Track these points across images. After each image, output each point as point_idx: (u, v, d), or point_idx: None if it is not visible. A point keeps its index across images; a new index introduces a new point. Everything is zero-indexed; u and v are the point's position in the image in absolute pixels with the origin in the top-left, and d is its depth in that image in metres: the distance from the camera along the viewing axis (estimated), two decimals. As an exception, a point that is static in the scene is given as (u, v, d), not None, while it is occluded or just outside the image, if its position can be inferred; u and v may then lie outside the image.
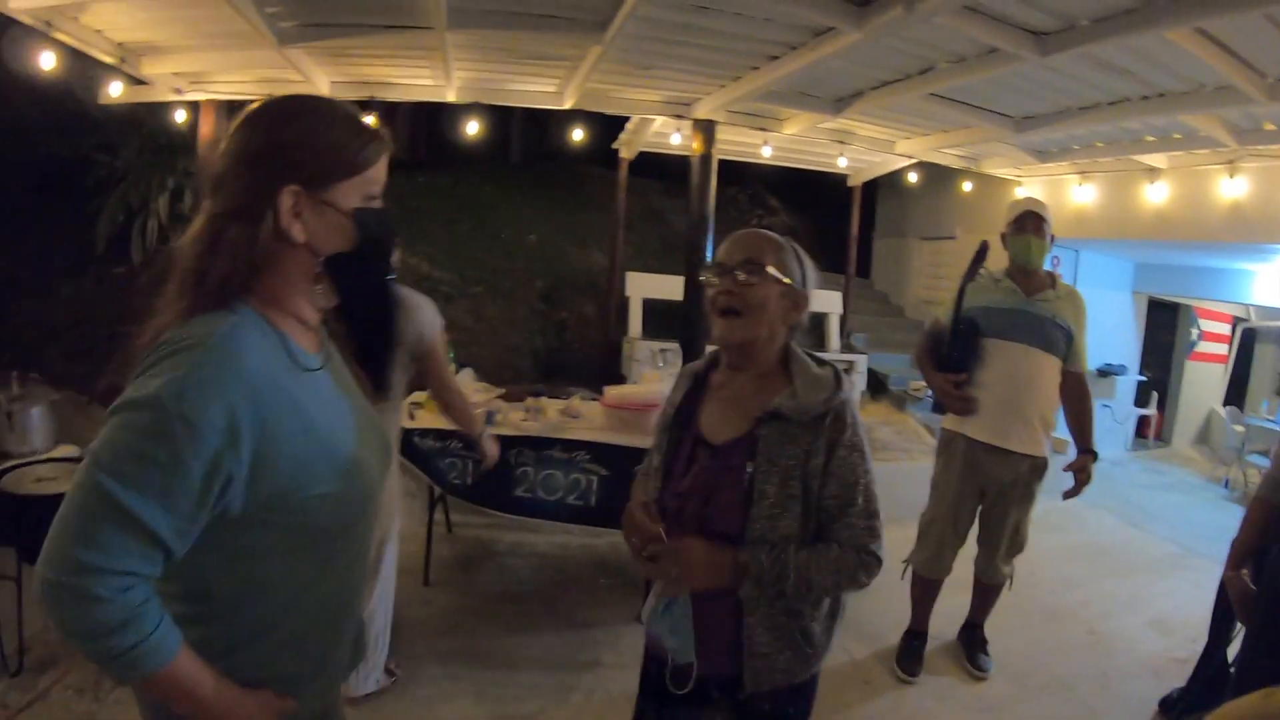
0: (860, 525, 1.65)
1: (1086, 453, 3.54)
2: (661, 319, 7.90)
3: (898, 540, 3.88)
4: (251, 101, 1.22)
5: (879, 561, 1.67)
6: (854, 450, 1.66)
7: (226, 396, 1.06)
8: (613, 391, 4.36)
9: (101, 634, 1.03)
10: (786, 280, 1.71)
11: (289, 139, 1.17)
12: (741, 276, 1.68)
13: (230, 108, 5.84)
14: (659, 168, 8.60)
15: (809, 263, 1.79)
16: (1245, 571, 2.55)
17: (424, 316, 3.05)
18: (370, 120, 1.29)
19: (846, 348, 8.49)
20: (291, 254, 1.19)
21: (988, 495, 3.63)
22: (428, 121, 10.49)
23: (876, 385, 8.38)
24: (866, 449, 1.70)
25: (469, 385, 4.40)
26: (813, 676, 1.80)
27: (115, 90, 5.64)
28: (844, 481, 1.65)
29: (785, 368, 1.75)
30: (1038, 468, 3.55)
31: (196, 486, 1.05)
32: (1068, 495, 3.58)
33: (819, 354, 1.82)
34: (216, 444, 1.05)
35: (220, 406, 1.05)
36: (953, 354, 3.50)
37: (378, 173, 1.24)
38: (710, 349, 1.92)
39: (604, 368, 7.80)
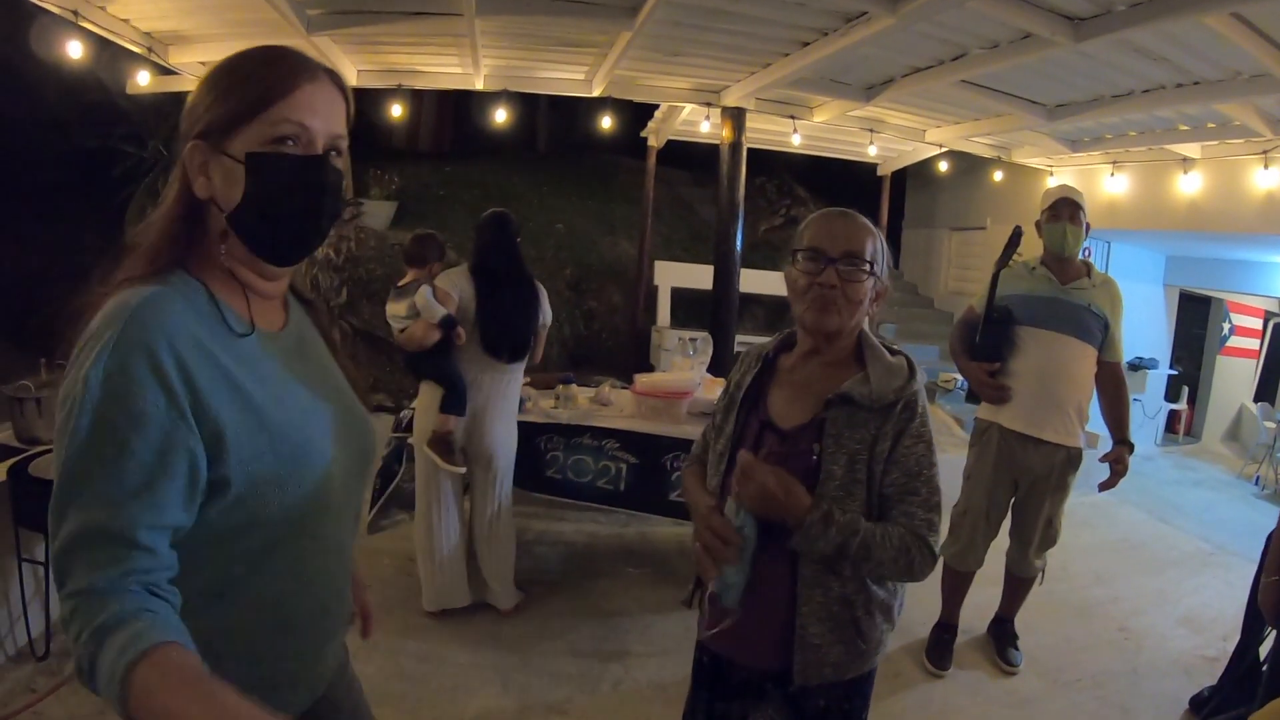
0: (920, 515, 1.62)
1: (1123, 444, 3.49)
2: (690, 308, 7.89)
3: (930, 532, 3.88)
4: None
5: (934, 557, 1.63)
6: (920, 440, 1.64)
7: (154, 372, 0.96)
8: (643, 379, 4.34)
9: (73, 640, 0.91)
10: (877, 272, 1.68)
11: (199, 96, 1.09)
12: (844, 270, 1.63)
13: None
14: (687, 157, 8.59)
15: (886, 246, 1.75)
16: None
17: (546, 304, 3.76)
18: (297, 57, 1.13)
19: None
20: (210, 214, 1.10)
21: (1021, 486, 3.58)
22: (455, 111, 10.51)
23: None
24: (933, 441, 1.68)
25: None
26: (867, 674, 1.76)
27: (143, 80, 5.66)
28: (908, 470, 1.62)
29: (858, 354, 1.72)
30: (1072, 459, 3.50)
31: (152, 465, 0.95)
32: (1103, 487, 3.53)
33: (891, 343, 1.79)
34: (162, 421, 0.96)
35: (150, 384, 0.96)
36: (987, 342, 3.46)
37: (290, 109, 1.06)
38: (778, 334, 1.88)
39: (632, 356, 7.81)
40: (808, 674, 1.65)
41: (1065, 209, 3.46)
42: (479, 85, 5.72)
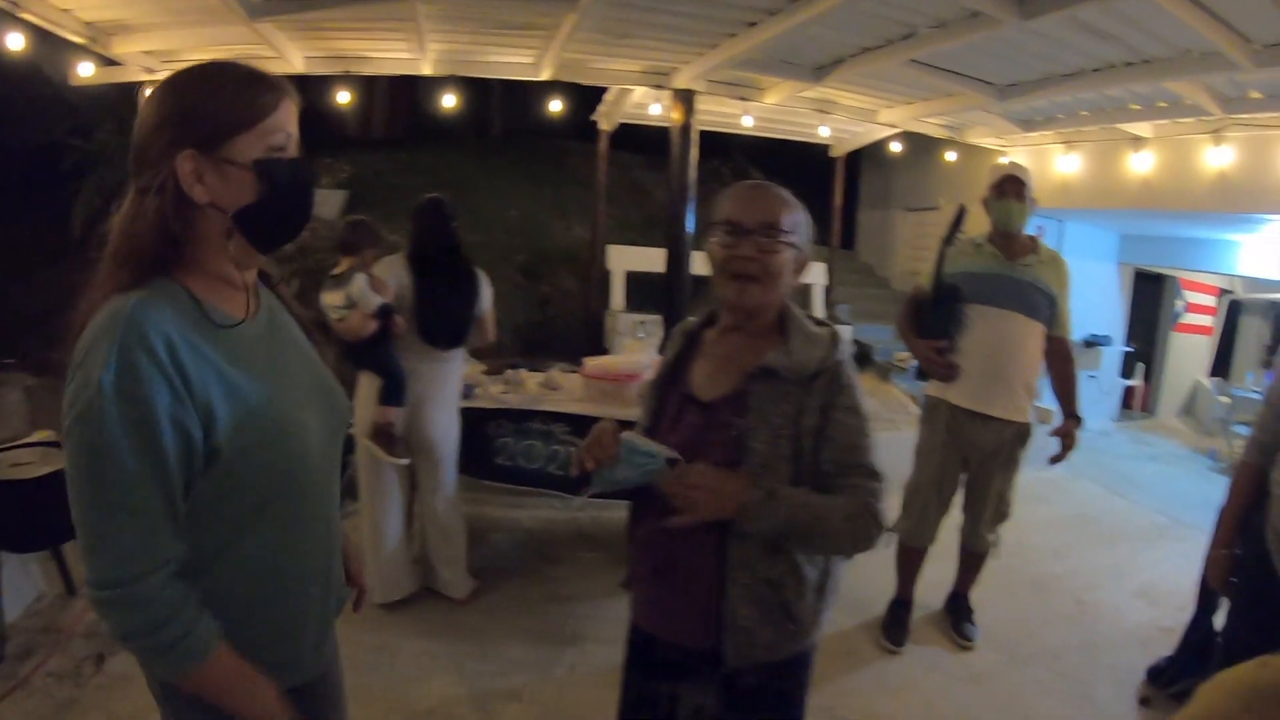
0: (865, 486, 1.59)
1: (1071, 418, 3.53)
2: (644, 292, 7.85)
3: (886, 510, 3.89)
4: None
5: (882, 525, 1.61)
6: (852, 413, 1.62)
7: (154, 362, 1.10)
8: (592, 363, 4.32)
9: (149, 631, 1.13)
10: (798, 243, 1.66)
11: (182, 105, 1.19)
12: (762, 241, 1.61)
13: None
14: (640, 140, 8.54)
15: (808, 218, 1.73)
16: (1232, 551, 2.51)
17: (487, 289, 3.71)
18: (270, 75, 1.27)
19: (831, 319, 8.35)
20: (203, 217, 1.21)
21: (971, 462, 3.60)
22: (409, 98, 10.40)
23: (861, 356, 8.33)
24: (865, 411, 1.65)
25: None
26: (803, 654, 1.74)
27: (86, 71, 5.53)
28: (843, 445, 1.60)
29: (781, 326, 1.69)
30: (1022, 434, 3.54)
31: (172, 453, 1.12)
32: (1054, 460, 3.56)
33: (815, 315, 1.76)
34: (168, 405, 1.11)
35: (153, 373, 1.10)
36: (934, 320, 3.47)
37: (279, 121, 1.23)
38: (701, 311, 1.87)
39: (587, 341, 7.74)
40: (739, 655, 1.63)
41: (1010, 186, 3.47)
42: (427, 70, 5.62)
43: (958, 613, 3.90)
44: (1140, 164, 6.47)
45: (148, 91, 5.93)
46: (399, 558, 3.69)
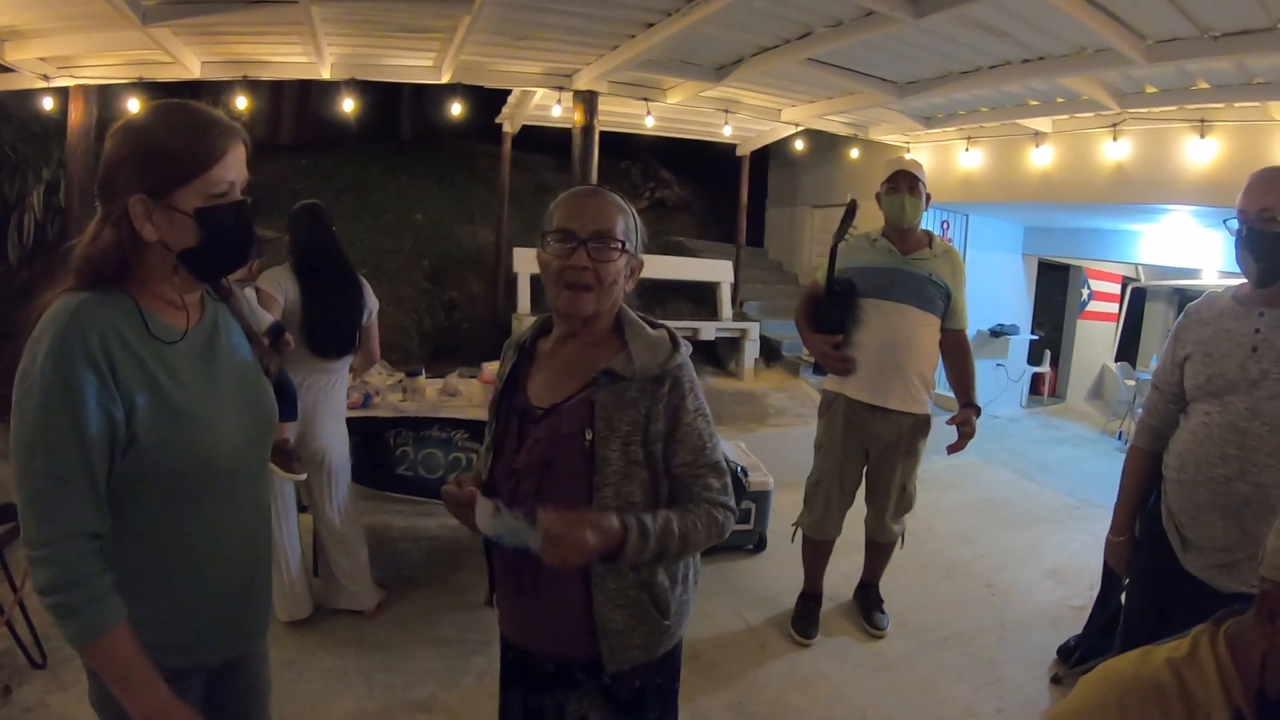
0: (715, 484, 1.62)
1: (969, 407, 3.57)
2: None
3: (792, 503, 3.92)
4: (121, 86, 1.34)
5: (735, 514, 1.65)
6: (698, 415, 1.63)
7: (87, 352, 1.26)
8: (491, 367, 4.26)
9: (63, 588, 1.26)
10: (630, 249, 1.63)
11: (134, 154, 1.33)
12: (594, 249, 1.57)
13: (101, 92, 5.58)
14: (547, 142, 8.51)
15: (639, 222, 1.70)
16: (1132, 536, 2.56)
17: (372, 296, 3.67)
18: (226, 114, 1.43)
19: (739, 316, 8.55)
20: (152, 250, 1.36)
21: (872, 454, 3.64)
22: (317, 103, 10.18)
23: (770, 352, 8.46)
24: (706, 409, 1.66)
25: (377, 372, 4.43)
26: (675, 647, 1.74)
27: (-21, 79, 5.32)
28: (693, 447, 1.61)
29: (619, 332, 1.66)
30: (920, 425, 3.58)
31: (99, 432, 1.27)
32: (952, 449, 3.59)
33: (653, 318, 1.73)
34: (95, 391, 1.26)
35: (85, 362, 1.26)
36: (829, 315, 3.51)
37: (224, 170, 1.36)
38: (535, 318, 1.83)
39: (494, 346, 7.57)
40: (617, 659, 1.62)
41: (903, 181, 3.51)
42: (326, 75, 5.52)
43: (868, 602, 3.94)
44: (1041, 158, 6.69)
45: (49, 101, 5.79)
46: (301, 575, 3.60)
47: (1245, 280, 2.21)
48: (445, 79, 5.59)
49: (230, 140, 1.37)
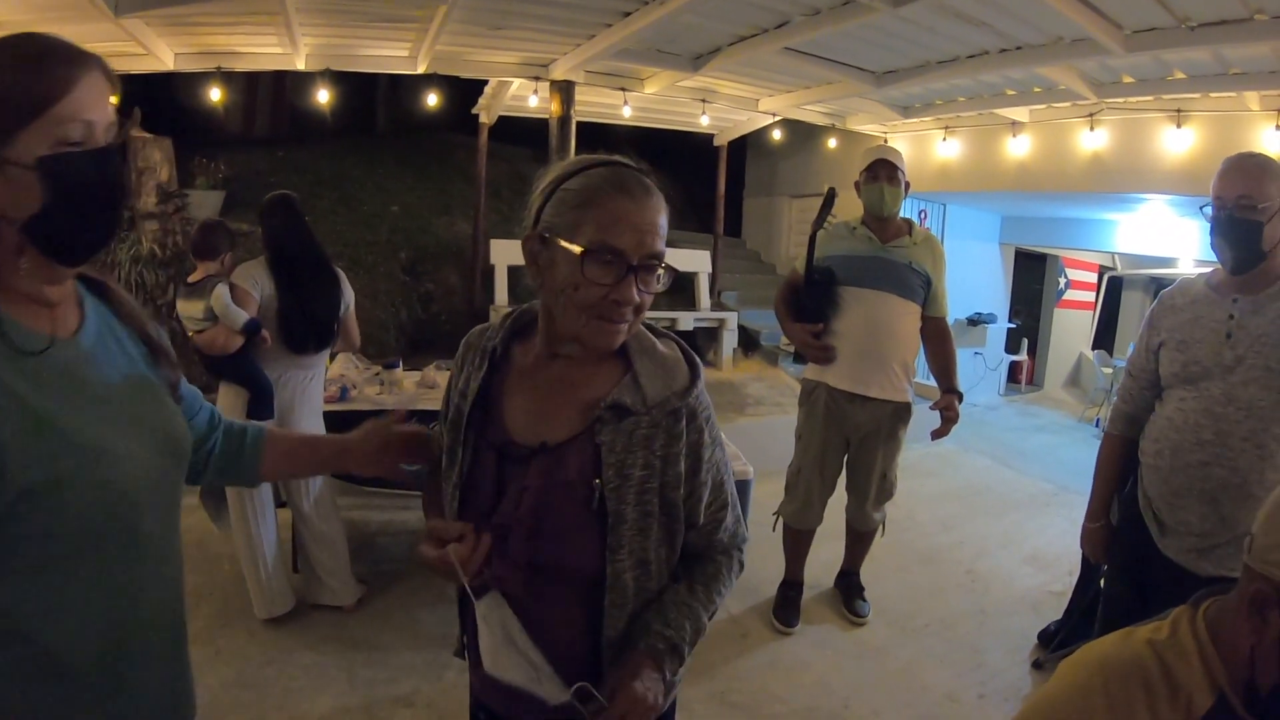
0: (732, 526, 1.41)
1: (950, 392, 3.58)
2: (527, 286, 7.66)
3: (772, 493, 3.92)
4: None
5: (742, 558, 1.45)
6: (716, 445, 1.36)
7: None
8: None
9: None
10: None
11: None
12: (646, 278, 1.23)
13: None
14: (525, 132, 8.46)
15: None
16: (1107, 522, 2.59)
17: (348, 288, 3.57)
18: (69, 50, 1.03)
19: (717, 306, 8.55)
20: None
21: (852, 443, 3.65)
22: (291, 94, 10.08)
23: (748, 341, 8.47)
24: (721, 436, 1.41)
25: (354, 364, 4.43)
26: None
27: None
28: (714, 485, 1.35)
29: (622, 347, 1.31)
30: (900, 413, 3.59)
31: None
32: (936, 435, 3.62)
33: (657, 325, 1.43)
34: None
35: None
36: (809, 303, 3.51)
37: (74, 106, 0.99)
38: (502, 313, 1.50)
39: (472, 338, 7.56)
40: None
41: (882, 169, 3.52)
42: (300, 65, 5.46)
43: (849, 590, 3.96)
44: (1018, 148, 6.73)
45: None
46: (279, 571, 3.57)
47: (1219, 266, 2.23)
48: (421, 69, 5.55)
49: (80, 68, 1.01)
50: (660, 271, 1.24)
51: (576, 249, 1.20)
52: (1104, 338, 10.85)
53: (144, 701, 1.14)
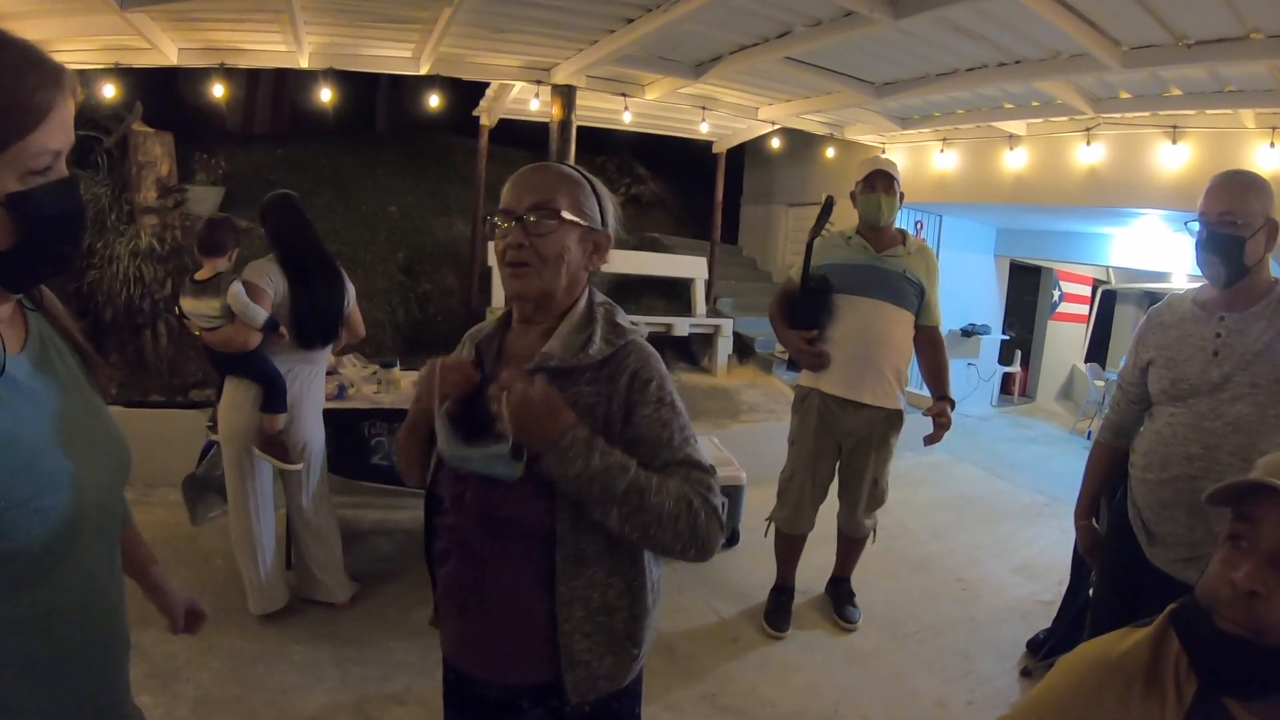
0: (694, 477, 1.40)
1: (943, 399, 3.62)
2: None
3: (765, 499, 3.95)
4: (98, 71, 1.02)
5: (721, 522, 1.42)
6: (661, 405, 1.43)
7: None
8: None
9: None
10: (584, 222, 1.48)
11: None
12: (532, 221, 1.42)
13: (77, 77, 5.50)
14: (525, 135, 8.46)
15: (610, 198, 1.57)
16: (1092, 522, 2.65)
17: (349, 284, 3.57)
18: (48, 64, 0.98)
19: (713, 312, 8.59)
20: None
21: (844, 449, 3.68)
22: (293, 92, 10.08)
23: (743, 348, 8.50)
24: (678, 403, 1.47)
25: (352, 364, 4.42)
26: (637, 675, 1.58)
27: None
28: (652, 441, 1.42)
29: (588, 318, 1.49)
30: (892, 420, 3.61)
31: None
32: (929, 441, 3.64)
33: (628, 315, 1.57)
34: None
35: None
36: (804, 310, 3.55)
37: (49, 134, 0.94)
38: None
39: (468, 340, 7.56)
40: (581, 692, 1.45)
41: (879, 180, 3.56)
42: (304, 64, 5.48)
43: (839, 596, 3.98)
44: (1015, 160, 6.77)
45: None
46: (275, 566, 3.58)
47: (1206, 283, 2.27)
48: (424, 70, 5.57)
49: (57, 91, 0.95)
50: (553, 219, 1.43)
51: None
52: (1097, 351, 10.88)
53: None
